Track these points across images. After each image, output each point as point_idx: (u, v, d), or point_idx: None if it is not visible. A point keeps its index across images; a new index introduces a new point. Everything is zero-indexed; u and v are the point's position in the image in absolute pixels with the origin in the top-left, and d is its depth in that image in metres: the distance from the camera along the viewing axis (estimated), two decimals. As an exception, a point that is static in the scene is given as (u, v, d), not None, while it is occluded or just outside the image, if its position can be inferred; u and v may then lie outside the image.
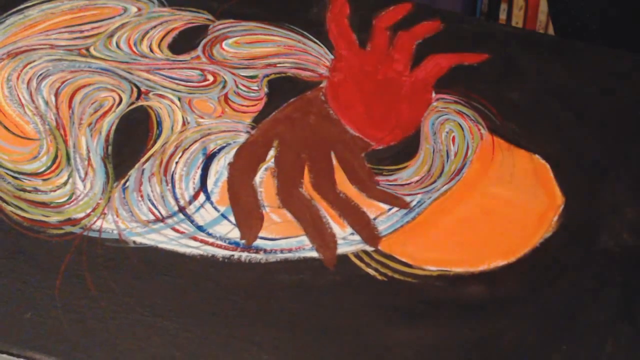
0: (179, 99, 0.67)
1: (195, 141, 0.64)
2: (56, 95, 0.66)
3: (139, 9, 0.74)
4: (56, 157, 0.62)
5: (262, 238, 0.58)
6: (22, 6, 0.73)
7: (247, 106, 0.67)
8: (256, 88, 0.68)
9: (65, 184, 0.60)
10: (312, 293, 0.55)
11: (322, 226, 0.59)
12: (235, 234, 0.58)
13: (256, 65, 0.70)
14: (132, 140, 0.63)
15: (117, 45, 0.71)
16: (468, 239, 0.59)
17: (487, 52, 0.72)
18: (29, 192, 0.60)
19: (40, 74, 0.68)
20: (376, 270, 0.57)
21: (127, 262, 0.56)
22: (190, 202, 0.60)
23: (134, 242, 0.57)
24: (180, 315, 0.54)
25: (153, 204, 0.59)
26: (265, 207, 0.60)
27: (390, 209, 0.60)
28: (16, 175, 0.61)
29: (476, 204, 0.61)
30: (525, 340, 0.54)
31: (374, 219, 0.60)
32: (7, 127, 0.64)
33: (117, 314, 0.53)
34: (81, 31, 0.72)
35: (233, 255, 0.57)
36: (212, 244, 0.57)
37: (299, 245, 0.58)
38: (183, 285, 0.55)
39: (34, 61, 0.69)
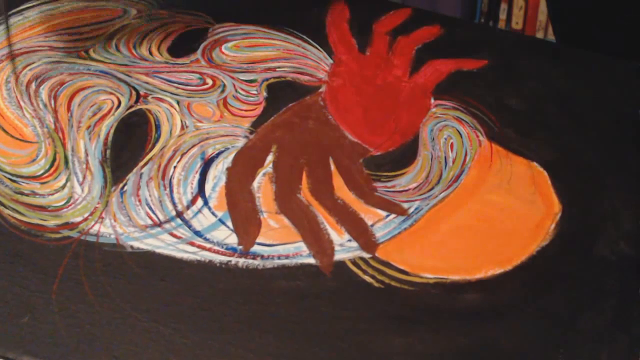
0: (178, 103, 0.67)
1: (194, 145, 0.64)
2: (55, 97, 0.66)
3: (139, 11, 0.74)
4: (54, 160, 0.62)
5: (259, 244, 0.58)
6: (21, 7, 0.73)
7: (246, 110, 0.67)
8: (255, 92, 0.68)
9: (63, 187, 0.60)
10: (309, 299, 0.55)
11: (319, 232, 0.59)
12: (232, 239, 0.58)
13: (255, 70, 0.70)
14: (130, 143, 0.63)
15: (117, 48, 0.71)
16: (465, 247, 0.59)
17: (486, 58, 0.72)
18: (27, 195, 0.60)
19: (39, 76, 0.68)
20: (373, 277, 0.57)
21: (124, 267, 0.56)
22: (188, 207, 0.60)
23: (132, 246, 0.57)
24: (177, 320, 0.54)
25: (151, 209, 0.59)
26: (263, 212, 0.60)
27: (388, 216, 0.60)
28: (14, 178, 0.61)
29: (474, 211, 0.61)
30: (522, 348, 0.54)
31: (372, 225, 0.60)
32: (6, 129, 0.64)
33: (113, 319, 0.53)
34: (80, 33, 0.72)
35: (230, 260, 0.57)
36: (209, 250, 0.57)
37: (296, 251, 0.58)
38: (180, 290, 0.55)
39: (33, 63, 0.69)
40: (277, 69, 0.70)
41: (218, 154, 0.63)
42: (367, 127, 0.66)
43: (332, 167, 0.63)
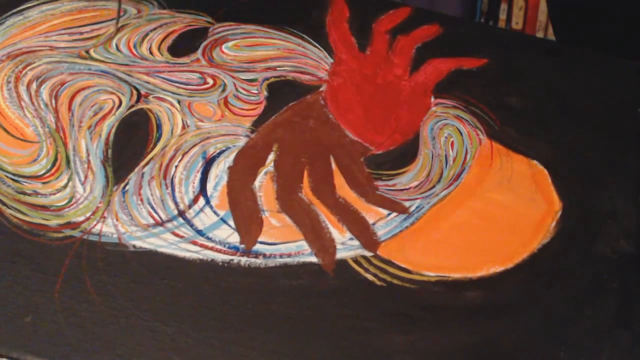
0: (179, 102, 0.67)
1: (195, 145, 0.64)
2: (56, 97, 0.66)
3: (139, 11, 0.74)
4: (56, 160, 0.62)
5: (261, 242, 0.58)
6: (22, 7, 0.73)
7: (247, 110, 0.67)
8: (256, 91, 0.68)
9: (65, 187, 0.60)
10: (311, 298, 0.56)
11: (321, 231, 0.59)
12: (234, 238, 0.58)
13: (256, 69, 0.70)
14: (131, 143, 0.63)
15: (117, 48, 0.71)
16: (466, 245, 0.59)
17: (486, 57, 0.72)
18: (29, 195, 0.60)
19: (40, 76, 0.68)
20: (375, 275, 0.57)
21: (126, 266, 0.56)
22: (189, 206, 0.60)
23: (134, 246, 0.57)
24: (179, 319, 0.54)
25: (153, 208, 0.59)
26: (264, 211, 0.60)
27: (389, 214, 0.61)
28: (16, 178, 0.61)
29: (474, 209, 0.61)
30: (523, 346, 0.55)
31: (373, 224, 0.60)
32: (7, 129, 0.64)
33: (116, 317, 0.53)
34: (81, 33, 0.72)
35: (232, 259, 0.57)
36: (211, 248, 0.58)
37: (298, 250, 0.58)
38: (182, 289, 0.55)
39: (33, 63, 0.69)
40: (278, 68, 0.70)
41: (219, 153, 0.63)
42: (367, 126, 0.67)
43: (333, 165, 0.63)
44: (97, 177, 0.61)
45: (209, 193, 0.61)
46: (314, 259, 0.58)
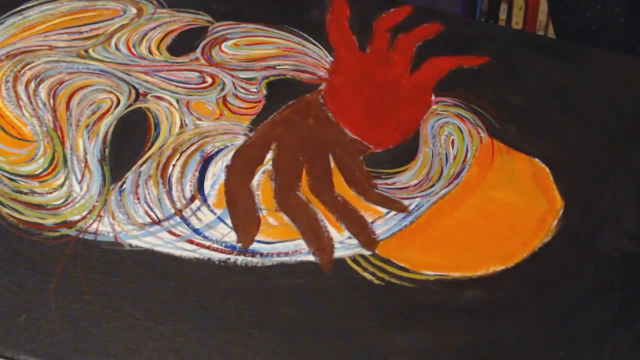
0: (177, 101, 0.66)
1: (193, 143, 0.63)
2: (54, 96, 0.66)
3: (139, 10, 0.74)
4: (53, 159, 0.62)
5: (258, 241, 0.58)
6: (21, 7, 0.73)
7: (246, 108, 0.67)
8: (255, 90, 0.68)
9: (61, 186, 0.60)
10: (309, 297, 0.55)
11: (319, 230, 0.59)
12: (231, 237, 0.58)
13: (255, 67, 0.70)
14: (129, 142, 0.63)
15: (116, 47, 0.70)
16: (466, 243, 0.59)
17: (487, 55, 0.71)
18: (26, 194, 0.60)
19: (39, 76, 0.67)
20: (373, 274, 0.57)
21: (122, 265, 0.56)
22: (186, 205, 0.59)
23: (130, 245, 0.57)
24: (175, 318, 0.53)
25: (149, 207, 0.59)
26: (262, 210, 0.60)
27: (388, 213, 0.60)
28: (13, 176, 0.61)
29: (475, 208, 0.61)
30: (524, 345, 0.54)
31: (372, 222, 0.59)
32: (5, 128, 0.64)
33: (111, 317, 0.53)
34: (80, 32, 0.72)
35: (229, 258, 0.57)
36: (208, 247, 0.57)
37: (295, 249, 0.58)
38: (178, 288, 0.55)
39: (32, 62, 0.68)
40: (277, 67, 0.70)
41: (217, 152, 0.63)
42: (367, 124, 0.66)
43: (332, 164, 0.63)
44: (94, 176, 0.61)
45: (206, 192, 0.60)
46: (311, 258, 0.57)
